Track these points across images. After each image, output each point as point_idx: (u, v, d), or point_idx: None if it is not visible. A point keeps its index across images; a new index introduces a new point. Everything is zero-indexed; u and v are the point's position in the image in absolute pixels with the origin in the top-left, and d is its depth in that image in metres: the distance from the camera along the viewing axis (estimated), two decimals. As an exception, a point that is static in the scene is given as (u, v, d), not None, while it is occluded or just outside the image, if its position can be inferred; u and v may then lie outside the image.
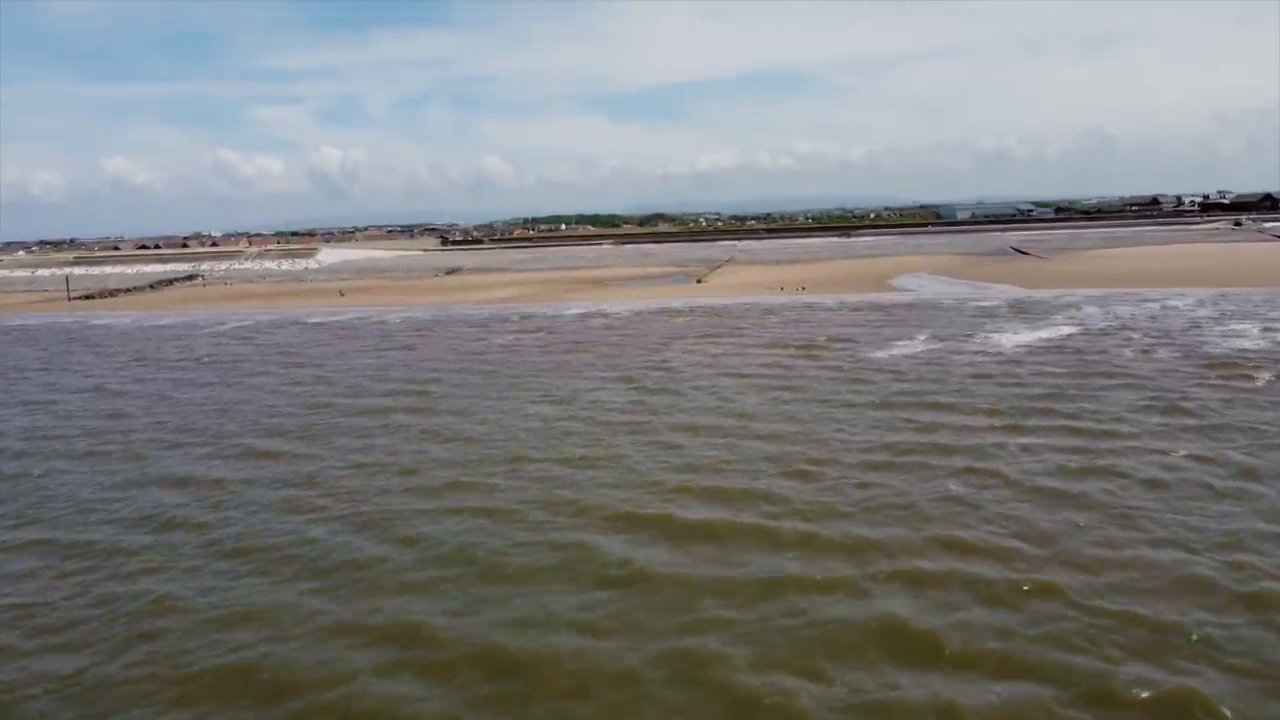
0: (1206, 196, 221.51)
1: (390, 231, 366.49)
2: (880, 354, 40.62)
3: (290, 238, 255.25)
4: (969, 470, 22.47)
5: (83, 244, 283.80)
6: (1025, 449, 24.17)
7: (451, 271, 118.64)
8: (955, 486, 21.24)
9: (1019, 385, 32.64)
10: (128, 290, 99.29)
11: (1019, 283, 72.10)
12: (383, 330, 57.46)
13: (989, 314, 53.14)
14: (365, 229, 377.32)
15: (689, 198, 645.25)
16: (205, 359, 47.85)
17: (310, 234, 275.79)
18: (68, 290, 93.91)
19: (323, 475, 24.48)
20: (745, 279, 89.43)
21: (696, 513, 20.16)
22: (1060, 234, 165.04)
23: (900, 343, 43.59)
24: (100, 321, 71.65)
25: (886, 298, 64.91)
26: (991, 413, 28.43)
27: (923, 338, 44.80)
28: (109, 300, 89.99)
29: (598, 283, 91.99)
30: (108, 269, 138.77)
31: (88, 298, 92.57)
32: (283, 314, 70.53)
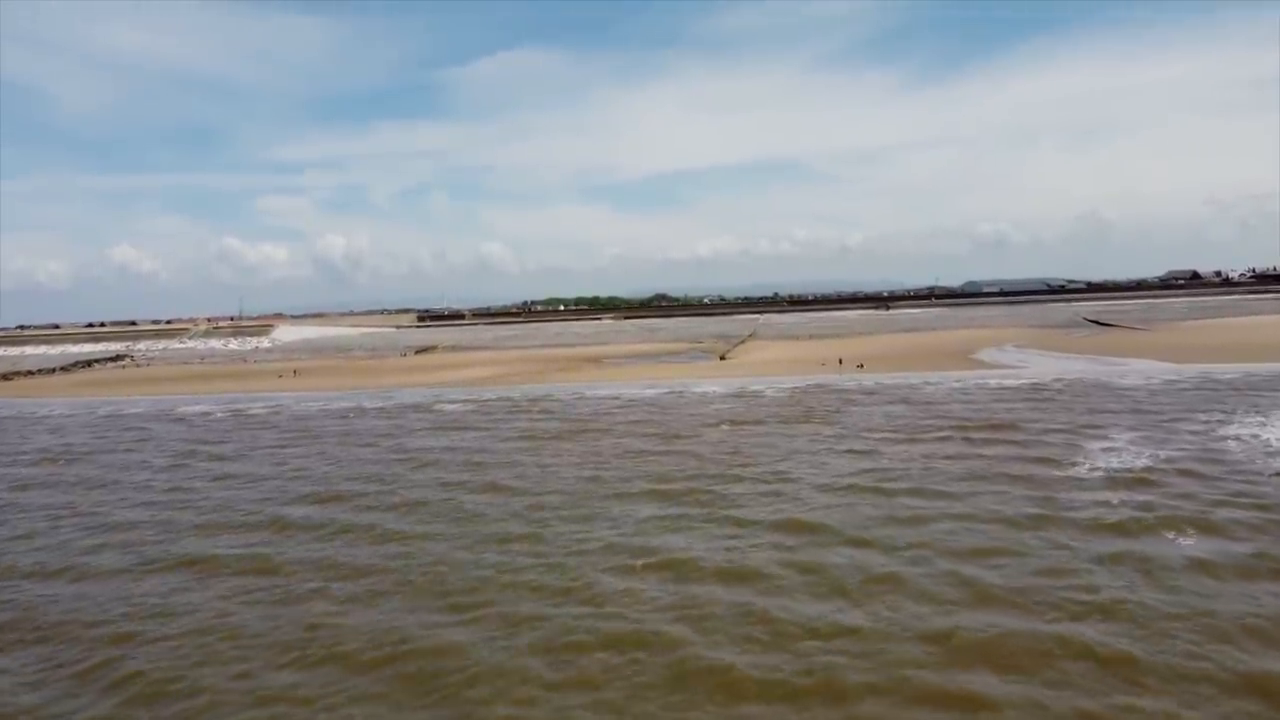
0: (1254, 269, 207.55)
1: (385, 312, 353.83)
2: (1084, 467, 23.48)
3: (266, 317, 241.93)
4: None
5: (59, 327, 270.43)
6: None
7: (424, 350, 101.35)
8: None
9: None
10: (28, 373, 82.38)
11: (1152, 355, 55.03)
12: (298, 423, 40.22)
13: (1173, 396, 36.02)
14: (363, 312, 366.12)
15: (690, 282, 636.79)
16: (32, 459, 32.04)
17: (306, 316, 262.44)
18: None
19: None
20: (779, 355, 72.49)
21: None
22: (1131, 304, 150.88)
23: (1096, 444, 26.44)
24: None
25: (988, 376, 47.67)
26: None
27: (1126, 435, 27.58)
28: None
29: (597, 360, 75.04)
30: (28, 349, 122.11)
31: (-27, 382, 75.69)
32: (183, 401, 53.38)
